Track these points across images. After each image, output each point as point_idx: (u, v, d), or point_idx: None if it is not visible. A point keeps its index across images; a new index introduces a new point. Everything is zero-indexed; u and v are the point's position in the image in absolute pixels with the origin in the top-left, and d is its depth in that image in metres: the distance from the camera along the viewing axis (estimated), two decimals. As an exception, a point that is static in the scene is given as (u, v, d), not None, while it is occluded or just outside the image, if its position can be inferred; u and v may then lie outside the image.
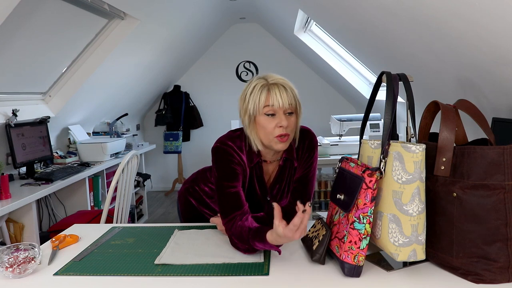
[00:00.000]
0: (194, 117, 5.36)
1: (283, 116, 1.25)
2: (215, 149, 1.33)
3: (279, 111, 1.25)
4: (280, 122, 1.24)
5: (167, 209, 4.69)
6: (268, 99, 1.25)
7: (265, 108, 1.25)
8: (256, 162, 1.35)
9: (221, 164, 1.31)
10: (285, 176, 1.41)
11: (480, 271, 0.96)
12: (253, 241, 1.16)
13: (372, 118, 3.21)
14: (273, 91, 1.25)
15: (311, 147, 1.40)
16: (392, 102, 1.07)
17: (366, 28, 2.16)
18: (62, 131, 3.52)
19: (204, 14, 4.16)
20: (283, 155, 1.38)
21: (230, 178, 1.30)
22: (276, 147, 1.28)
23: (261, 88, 1.26)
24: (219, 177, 1.30)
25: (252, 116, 1.28)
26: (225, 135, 1.37)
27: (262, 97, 1.25)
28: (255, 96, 1.26)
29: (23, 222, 2.35)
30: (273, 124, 1.25)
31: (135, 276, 1.08)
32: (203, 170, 1.67)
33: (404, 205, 0.99)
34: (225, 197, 1.28)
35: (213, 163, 1.34)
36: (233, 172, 1.31)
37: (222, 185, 1.29)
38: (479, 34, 1.22)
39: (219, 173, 1.31)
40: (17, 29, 2.30)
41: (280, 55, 5.30)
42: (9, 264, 1.08)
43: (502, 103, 1.46)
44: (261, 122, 1.27)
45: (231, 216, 1.25)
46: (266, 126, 1.26)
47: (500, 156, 0.93)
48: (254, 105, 1.26)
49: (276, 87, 1.25)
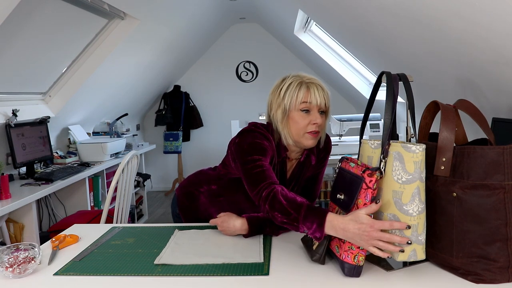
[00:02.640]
0: (194, 117, 5.36)
1: (317, 114, 1.30)
2: (247, 130, 1.34)
3: (314, 109, 1.30)
4: (315, 119, 1.29)
5: (167, 209, 4.69)
6: (306, 96, 1.29)
7: (302, 104, 1.29)
8: (282, 157, 1.37)
9: (252, 140, 1.30)
10: (301, 174, 1.44)
11: (480, 271, 0.96)
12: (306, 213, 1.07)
13: (372, 118, 3.21)
14: (312, 89, 1.30)
15: (327, 149, 1.46)
16: (392, 102, 1.07)
17: (366, 28, 2.16)
18: (62, 131, 3.52)
19: (204, 14, 4.16)
20: (305, 151, 1.40)
21: (260, 152, 1.28)
22: (307, 143, 1.31)
23: (298, 85, 1.30)
24: (248, 151, 1.27)
25: (287, 111, 1.31)
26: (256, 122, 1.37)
27: (300, 93, 1.29)
28: (292, 92, 1.30)
29: (23, 222, 2.35)
30: (307, 120, 1.30)
31: (135, 276, 1.08)
32: (196, 174, 1.65)
33: (404, 205, 0.99)
34: (256, 168, 1.23)
35: (241, 141, 1.31)
36: (264, 148, 1.29)
37: (251, 159, 1.25)
38: (479, 34, 1.22)
39: (248, 147, 1.28)
40: (17, 29, 2.30)
41: (280, 55, 5.30)
42: (9, 264, 1.08)
43: (502, 103, 1.46)
44: (295, 117, 1.30)
45: (264, 184, 1.19)
46: (300, 121, 1.30)
47: (500, 156, 0.93)
48: (291, 101, 1.30)
49: (314, 85, 1.30)
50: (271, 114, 1.36)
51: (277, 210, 1.13)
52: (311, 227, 1.06)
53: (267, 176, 1.22)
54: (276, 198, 1.14)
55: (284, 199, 1.13)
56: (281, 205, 1.12)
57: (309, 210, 1.08)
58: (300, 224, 1.08)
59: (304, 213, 1.08)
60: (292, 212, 1.10)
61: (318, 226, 1.05)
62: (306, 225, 1.07)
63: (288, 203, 1.11)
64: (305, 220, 1.07)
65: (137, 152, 2.43)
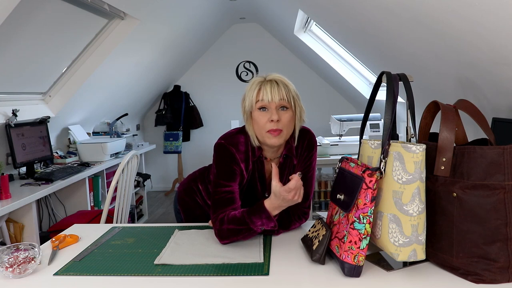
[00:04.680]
0: (194, 117, 5.36)
1: (274, 110, 1.29)
2: (217, 146, 1.36)
3: (270, 106, 1.30)
4: (271, 116, 1.28)
5: (167, 209, 4.69)
6: (259, 94, 1.31)
7: (257, 103, 1.31)
8: (258, 157, 1.37)
9: (221, 162, 1.34)
10: (284, 174, 1.42)
11: (480, 271, 0.96)
12: (249, 217, 1.22)
13: (372, 118, 3.21)
14: (264, 87, 1.31)
15: (310, 146, 1.42)
16: (392, 102, 1.07)
17: (366, 28, 2.16)
18: (62, 131, 3.52)
19: (204, 14, 4.16)
20: (283, 152, 1.39)
21: (227, 177, 1.32)
22: (269, 142, 1.31)
23: (256, 85, 1.32)
24: (217, 174, 1.33)
25: (248, 111, 1.34)
26: (230, 131, 1.40)
27: (254, 92, 1.31)
28: (250, 92, 1.33)
29: (23, 222, 2.35)
30: (265, 118, 1.29)
31: (135, 276, 1.08)
32: (201, 170, 1.67)
33: (404, 205, 0.99)
34: (219, 194, 1.32)
35: (214, 158, 1.37)
36: (232, 171, 1.33)
37: (218, 183, 1.33)
38: (479, 33, 1.22)
39: (217, 170, 1.34)
40: (17, 29, 2.30)
41: (280, 55, 5.30)
42: (9, 264, 1.08)
43: (502, 103, 1.46)
44: (255, 117, 1.32)
45: (221, 211, 1.28)
46: (258, 120, 1.31)
47: (500, 156, 0.93)
48: (249, 101, 1.32)
49: (269, 83, 1.31)
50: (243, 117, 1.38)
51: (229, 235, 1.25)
52: (262, 223, 1.22)
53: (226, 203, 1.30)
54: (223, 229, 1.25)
55: (228, 224, 1.25)
56: (229, 230, 1.24)
57: (250, 214, 1.24)
58: (255, 228, 1.23)
59: (249, 220, 1.23)
60: (241, 228, 1.23)
61: (266, 217, 1.22)
62: (257, 225, 1.22)
63: (233, 224, 1.24)
64: (254, 222, 1.22)
65: (137, 152, 2.43)
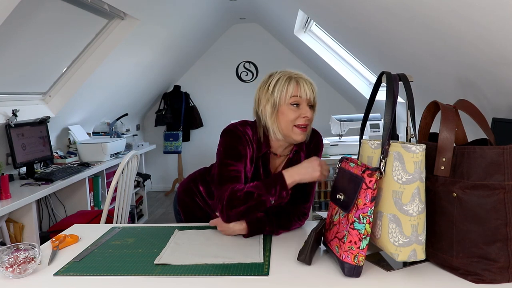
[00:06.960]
0: (194, 117, 5.36)
1: (307, 107, 1.32)
2: (226, 131, 1.37)
3: (303, 103, 1.32)
4: (305, 113, 1.31)
5: (167, 209, 4.69)
6: (296, 90, 1.31)
7: (292, 98, 1.31)
8: (264, 153, 1.38)
9: (229, 144, 1.34)
10: None
11: (480, 271, 0.96)
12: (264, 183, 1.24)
13: (372, 118, 3.22)
14: (301, 83, 1.32)
15: (317, 147, 1.46)
16: (392, 102, 1.07)
17: (366, 28, 2.17)
18: (62, 131, 3.52)
19: (204, 14, 4.16)
20: (294, 148, 1.41)
21: (235, 158, 1.33)
22: (296, 138, 1.33)
23: (287, 80, 1.32)
24: (224, 155, 1.33)
25: (277, 105, 1.33)
26: (238, 121, 1.40)
27: (290, 88, 1.31)
28: (281, 87, 1.32)
29: (23, 222, 2.35)
30: (297, 114, 1.31)
31: (135, 276, 1.08)
32: (201, 171, 1.67)
33: (404, 205, 0.99)
34: (226, 172, 1.31)
35: (220, 143, 1.36)
36: (239, 153, 1.34)
37: (226, 162, 1.32)
38: (479, 34, 1.22)
39: (225, 151, 1.34)
40: (17, 29, 2.30)
41: (280, 55, 5.30)
42: (9, 264, 1.08)
43: (502, 103, 1.46)
44: (285, 111, 1.32)
45: (228, 186, 1.28)
46: (290, 115, 1.31)
47: (500, 156, 0.93)
48: (281, 95, 1.32)
49: (303, 80, 1.33)
50: (259, 110, 1.37)
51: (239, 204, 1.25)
52: (276, 191, 1.23)
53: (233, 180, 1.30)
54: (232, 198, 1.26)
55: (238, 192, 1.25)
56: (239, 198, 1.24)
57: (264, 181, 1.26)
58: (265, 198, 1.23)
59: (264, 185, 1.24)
60: (253, 194, 1.24)
61: (280, 184, 1.24)
62: (271, 192, 1.23)
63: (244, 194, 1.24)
64: (268, 189, 1.23)
65: (137, 152, 2.43)
